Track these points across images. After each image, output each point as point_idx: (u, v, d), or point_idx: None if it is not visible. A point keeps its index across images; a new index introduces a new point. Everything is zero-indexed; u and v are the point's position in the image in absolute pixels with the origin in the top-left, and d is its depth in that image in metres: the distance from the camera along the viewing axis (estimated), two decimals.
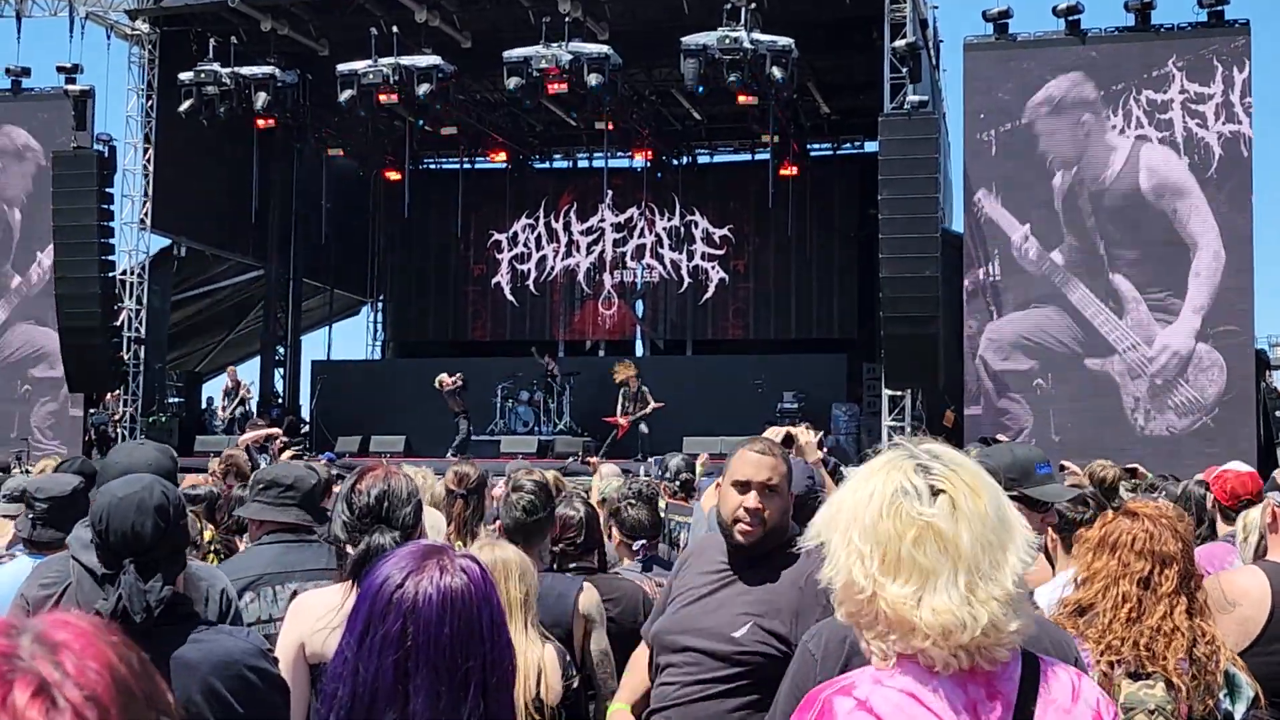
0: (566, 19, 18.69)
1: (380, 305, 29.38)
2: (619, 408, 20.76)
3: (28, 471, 8.37)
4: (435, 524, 5.21)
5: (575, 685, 3.76)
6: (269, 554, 3.98)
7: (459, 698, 1.70)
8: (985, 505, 1.86)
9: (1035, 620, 2.10)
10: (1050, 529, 4.37)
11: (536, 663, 3.65)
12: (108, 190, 20.27)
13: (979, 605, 1.80)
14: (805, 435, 4.86)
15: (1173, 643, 3.03)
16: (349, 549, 3.22)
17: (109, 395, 21.07)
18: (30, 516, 4.39)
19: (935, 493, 1.86)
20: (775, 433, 4.66)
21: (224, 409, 22.71)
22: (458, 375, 21.50)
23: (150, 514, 2.80)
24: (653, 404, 20.50)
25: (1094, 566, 3.25)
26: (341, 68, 19.63)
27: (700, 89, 18.58)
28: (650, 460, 15.77)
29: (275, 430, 15.81)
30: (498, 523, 4.83)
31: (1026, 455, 3.37)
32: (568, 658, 3.87)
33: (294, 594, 3.70)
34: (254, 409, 23.08)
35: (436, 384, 21.24)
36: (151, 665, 1.04)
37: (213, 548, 5.77)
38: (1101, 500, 5.08)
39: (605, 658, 4.28)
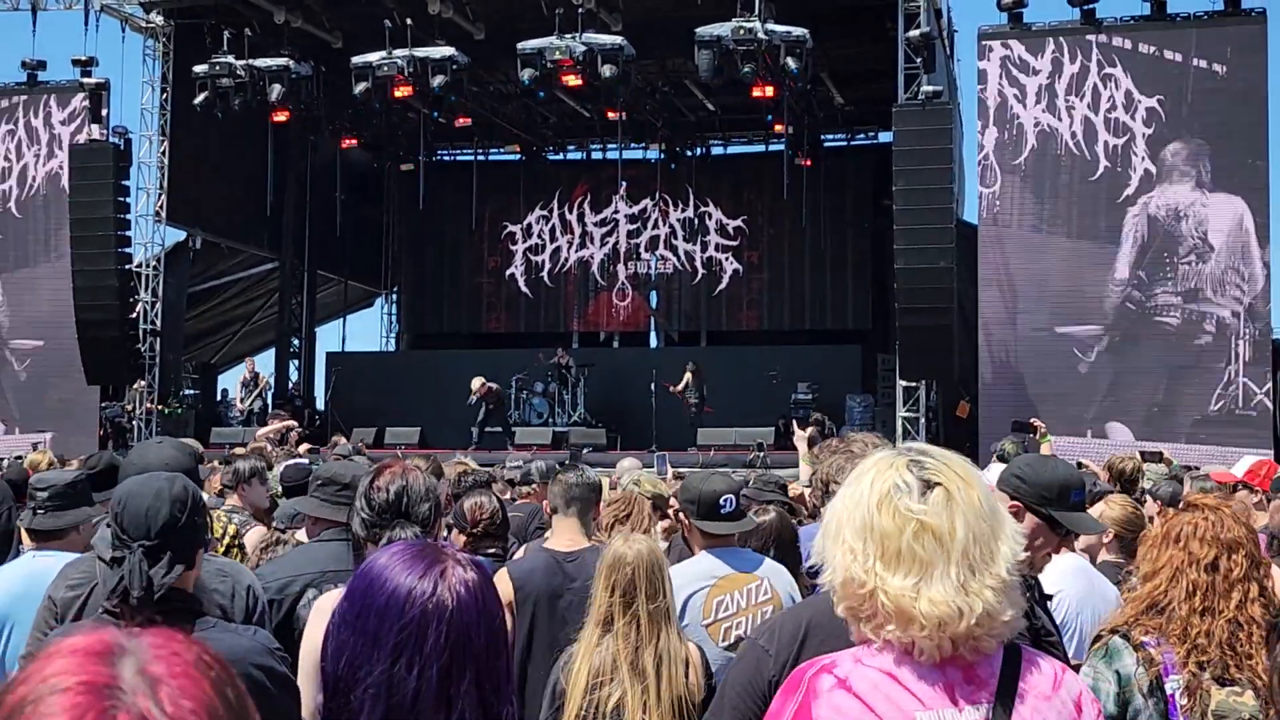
0: (580, 10, 18.66)
1: (394, 297, 29.42)
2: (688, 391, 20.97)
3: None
4: None
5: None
6: (333, 551, 3.95)
7: (504, 693, 1.68)
8: (977, 496, 1.93)
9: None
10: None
11: (685, 658, 3.75)
12: (124, 183, 20.31)
13: (973, 595, 1.86)
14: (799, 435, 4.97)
15: (1253, 637, 2.99)
16: (369, 546, 3.23)
17: (134, 386, 21.11)
18: (31, 506, 4.44)
19: (930, 486, 1.93)
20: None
21: (242, 400, 22.75)
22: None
23: (167, 501, 2.81)
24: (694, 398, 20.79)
25: (1159, 560, 3.18)
26: (355, 60, 19.63)
27: (714, 80, 18.54)
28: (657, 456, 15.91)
29: (292, 423, 15.93)
30: (545, 505, 5.05)
31: (1065, 479, 3.30)
32: (706, 658, 3.97)
33: None
34: (269, 401, 23.14)
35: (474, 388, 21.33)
36: (248, 696, 1.05)
37: (236, 543, 5.79)
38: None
39: None
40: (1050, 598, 4.84)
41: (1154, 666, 2.93)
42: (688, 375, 21.00)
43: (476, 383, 21.18)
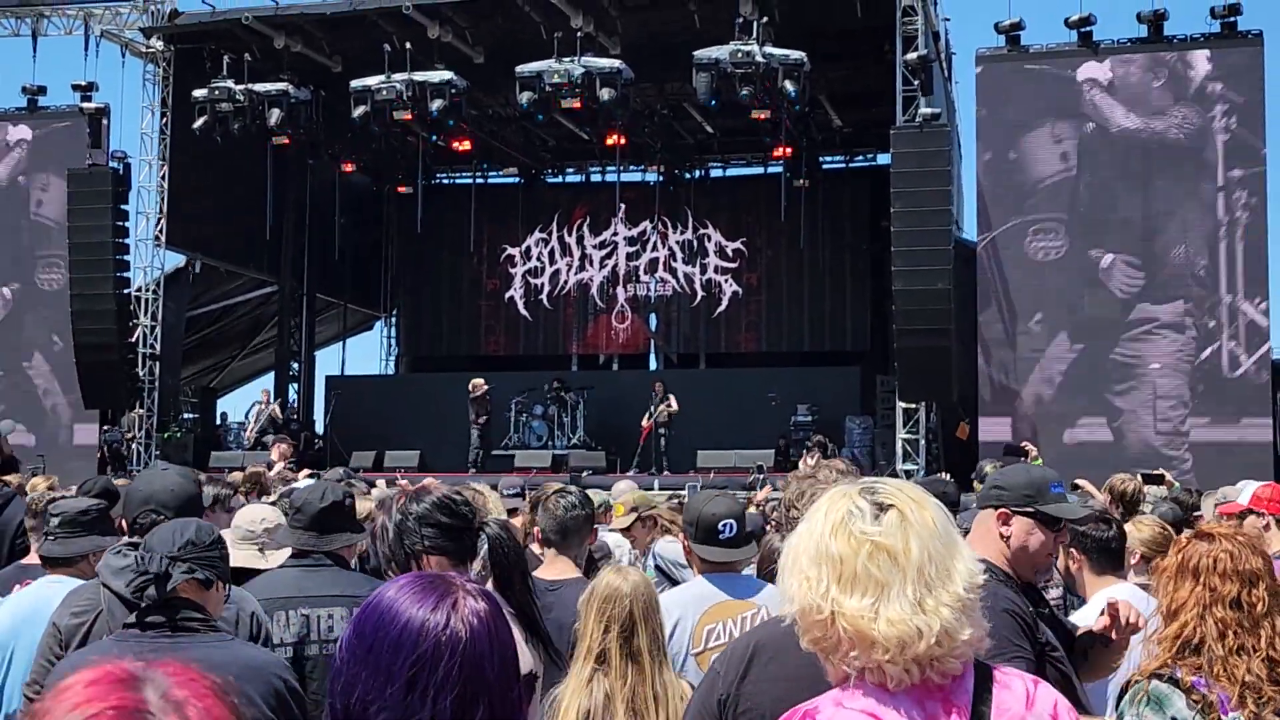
0: (578, 33, 18.73)
1: (394, 320, 29.41)
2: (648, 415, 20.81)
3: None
4: None
5: None
6: (290, 578, 3.97)
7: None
8: (930, 517, 1.95)
9: None
10: (1073, 549, 4.39)
11: (681, 694, 3.56)
12: (123, 207, 20.37)
13: (930, 613, 1.86)
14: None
15: None
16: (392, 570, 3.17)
17: (131, 412, 21.04)
18: (44, 531, 4.44)
19: (883, 509, 1.94)
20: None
21: (253, 430, 22.40)
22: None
23: (193, 527, 3.08)
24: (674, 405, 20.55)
25: (1177, 596, 3.02)
26: (355, 84, 19.68)
27: (713, 103, 18.59)
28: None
29: (286, 448, 15.87)
30: (536, 530, 4.83)
31: (1041, 475, 3.40)
32: None
33: (304, 619, 3.78)
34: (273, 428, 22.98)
35: (471, 387, 21.28)
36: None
37: None
38: (1117, 517, 5.09)
39: None
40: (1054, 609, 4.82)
41: (1212, 710, 2.80)
42: (669, 400, 20.87)
43: (478, 382, 21.25)
